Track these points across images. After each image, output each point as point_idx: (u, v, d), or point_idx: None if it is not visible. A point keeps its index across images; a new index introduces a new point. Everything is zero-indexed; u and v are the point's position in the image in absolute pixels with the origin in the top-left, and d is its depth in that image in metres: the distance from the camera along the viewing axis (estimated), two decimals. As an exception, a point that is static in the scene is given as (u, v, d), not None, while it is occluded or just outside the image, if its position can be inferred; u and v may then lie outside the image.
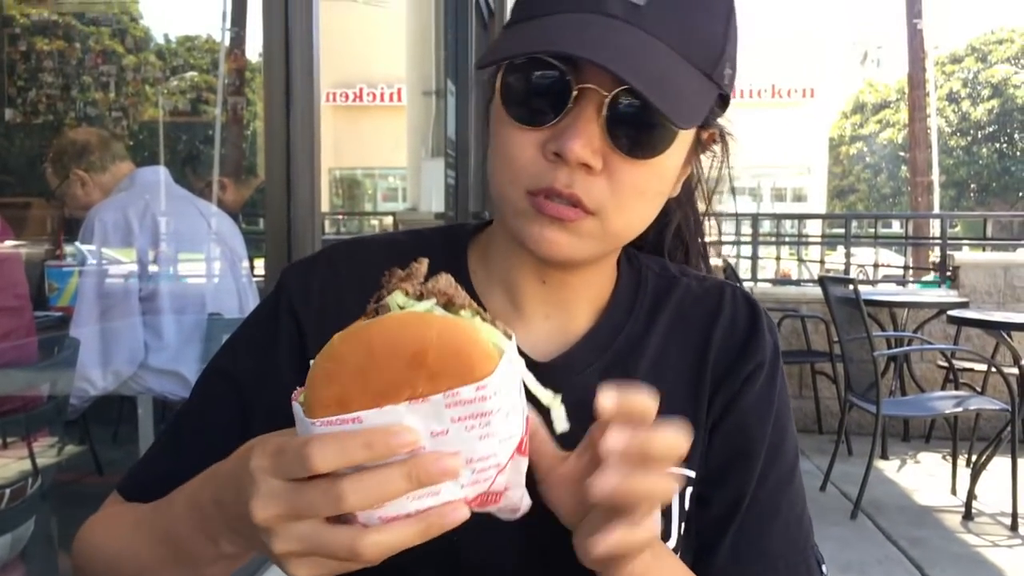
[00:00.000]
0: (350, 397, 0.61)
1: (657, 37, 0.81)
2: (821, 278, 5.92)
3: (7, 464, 3.05)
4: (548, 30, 0.81)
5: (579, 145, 0.80)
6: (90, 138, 3.28)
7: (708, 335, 0.97)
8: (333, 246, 1.02)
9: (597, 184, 0.83)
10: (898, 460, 6.06)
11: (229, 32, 11.19)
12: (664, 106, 0.78)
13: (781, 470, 0.97)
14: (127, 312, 2.97)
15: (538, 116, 0.83)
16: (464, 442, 0.62)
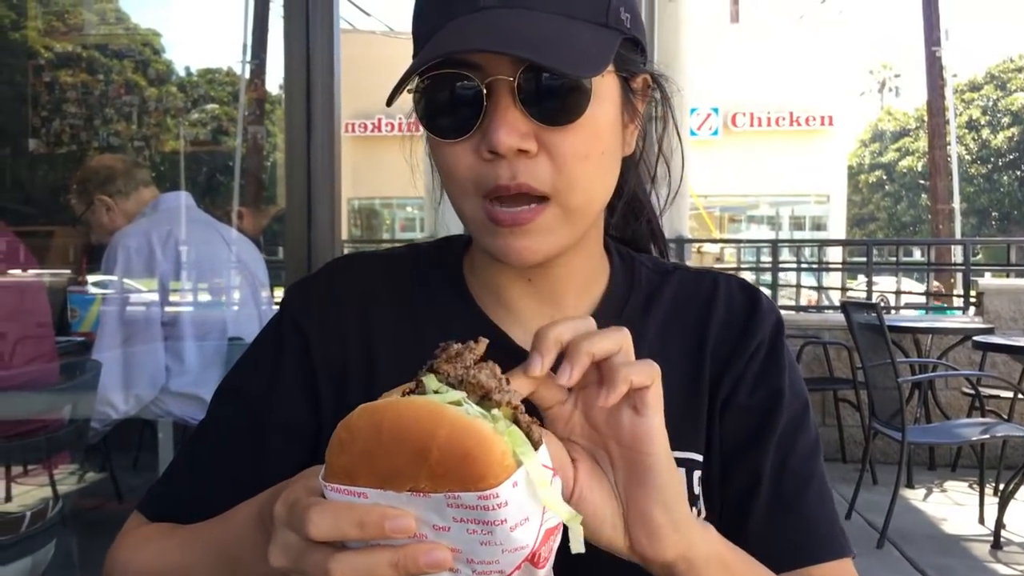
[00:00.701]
0: (357, 472, 0.62)
1: (534, 9, 0.83)
2: (844, 304, 5.87)
3: (29, 488, 3.05)
4: (435, 45, 0.83)
5: (504, 133, 0.82)
6: (115, 164, 3.32)
7: (705, 323, 0.99)
8: (332, 262, 1.06)
9: (540, 165, 0.84)
10: (924, 489, 5.97)
11: (249, 64, 11.34)
12: (558, 63, 0.79)
13: (807, 441, 0.97)
14: (149, 337, 2.98)
15: (461, 126, 0.85)
16: (465, 543, 0.61)
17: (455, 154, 0.86)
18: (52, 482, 3.03)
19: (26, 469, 3.19)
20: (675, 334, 0.99)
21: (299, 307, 0.99)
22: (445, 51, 0.81)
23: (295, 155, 2.49)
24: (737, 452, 0.95)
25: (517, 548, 0.61)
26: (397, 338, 0.96)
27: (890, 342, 4.89)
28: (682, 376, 0.97)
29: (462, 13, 0.84)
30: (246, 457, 0.94)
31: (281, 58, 2.55)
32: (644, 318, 0.99)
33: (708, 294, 1.01)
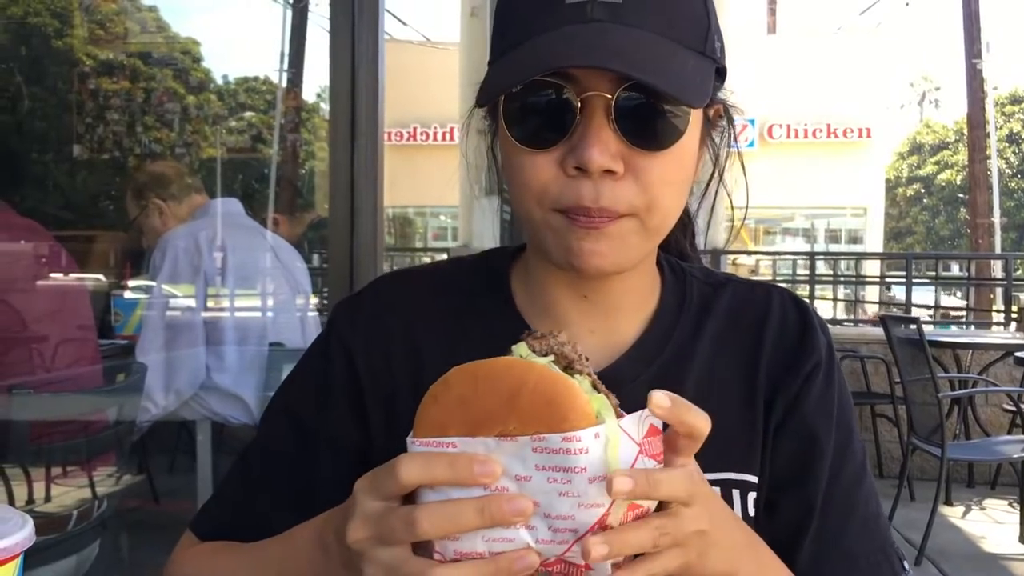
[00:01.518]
0: (448, 423, 0.65)
1: (643, 29, 0.81)
2: (883, 318, 5.80)
3: (70, 488, 3.09)
4: (536, 51, 0.81)
5: (597, 152, 0.80)
6: (169, 170, 3.41)
7: (759, 338, 0.97)
8: (378, 279, 1.06)
9: (624, 188, 0.83)
10: (963, 506, 5.88)
11: (286, 73, 11.46)
12: (671, 89, 0.79)
13: (853, 466, 0.96)
14: (191, 339, 3.03)
15: (549, 137, 0.83)
16: (545, 494, 0.62)
17: (535, 164, 0.84)
18: (92, 483, 3.07)
19: (65, 470, 3.23)
20: (728, 351, 0.97)
21: (347, 326, 0.99)
22: (554, 65, 0.79)
23: (339, 164, 2.52)
24: (787, 481, 0.94)
25: (593, 505, 0.62)
26: (445, 356, 0.93)
27: (930, 357, 4.82)
28: (737, 395, 0.95)
29: (571, 22, 0.82)
30: (298, 476, 0.95)
31: (317, 67, 2.60)
32: (696, 336, 0.97)
33: (762, 309, 0.99)
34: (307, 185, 10.36)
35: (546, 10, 0.83)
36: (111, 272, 4.35)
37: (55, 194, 7.60)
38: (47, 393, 2.75)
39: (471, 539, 0.63)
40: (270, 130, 11.84)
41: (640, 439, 0.65)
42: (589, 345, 0.93)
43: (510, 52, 0.85)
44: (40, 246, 2.95)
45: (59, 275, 3.29)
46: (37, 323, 2.88)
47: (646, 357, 0.95)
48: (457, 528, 0.62)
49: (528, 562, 0.63)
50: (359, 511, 0.67)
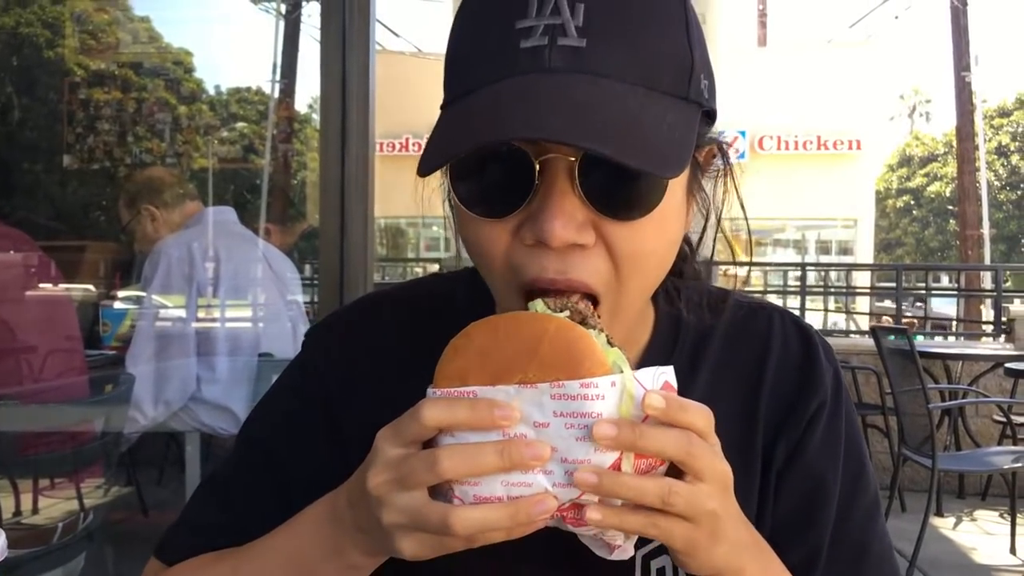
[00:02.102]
0: (469, 373, 0.67)
1: (612, 76, 0.70)
2: (873, 328, 5.82)
3: (57, 500, 3.07)
4: (483, 113, 0.70)
5: (560, 226, 0.70)
6: (164, 177, 3.39)
7: (760, 373, 0.90)
8: (356, 302, 1.00)
9: (595, 260, 0.73)
10: (954, 517, 5.88)
11: (278, 84, 11.46)
12: (643, 162, 0.68)
13: (865, 502, 0.91)
14: (182, 348, 3.01)
15: (503, 205, 0.73)
16: (562, 439, 0.64)
17: (490, 234, 0.75)
18: (79, 495, 3.04)
19: (53, 482, 3.21)
20: (726, 388, 0.90)
21: (319, 354, 0.95)
22: (507, 135, 0.68)
23: (329, 174, 2.51)
24: (793, 525, 0.88)
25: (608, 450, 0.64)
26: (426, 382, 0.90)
27: (921, 368, 4.83)
28: (735, 436, 0.87)
29: (525, 71, 0.71)
30: (269, 504, 0.90)
31: (310, 78, 2.59)
32: (692, 372, 0.90)
33: (762, 340, 0.92)
34: (298, 195, 10.34)
35: (500, 54, 0.72)
36: (100, 282, 4.33)
37: (45, 204, 7.57)
38: (34, 404, 2.73)
39: (490, 484, 0.64)
40: (262, 141, 11.83)
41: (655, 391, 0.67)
42: None
43: (458, 103, 0.75)
44: (26, 256, 2.93)
45: (45, 285, 3.27)
46: (23, 333, 2.87)
47: None
48: (477, 468, 0.63)
49: (546, 506, 0.63)
50: (380, 457, 0.67)
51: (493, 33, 0.73)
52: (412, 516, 0.65)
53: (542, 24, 0.71)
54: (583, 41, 0.70)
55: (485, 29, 0.75)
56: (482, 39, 0.75)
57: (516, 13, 0.72)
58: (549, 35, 0.71)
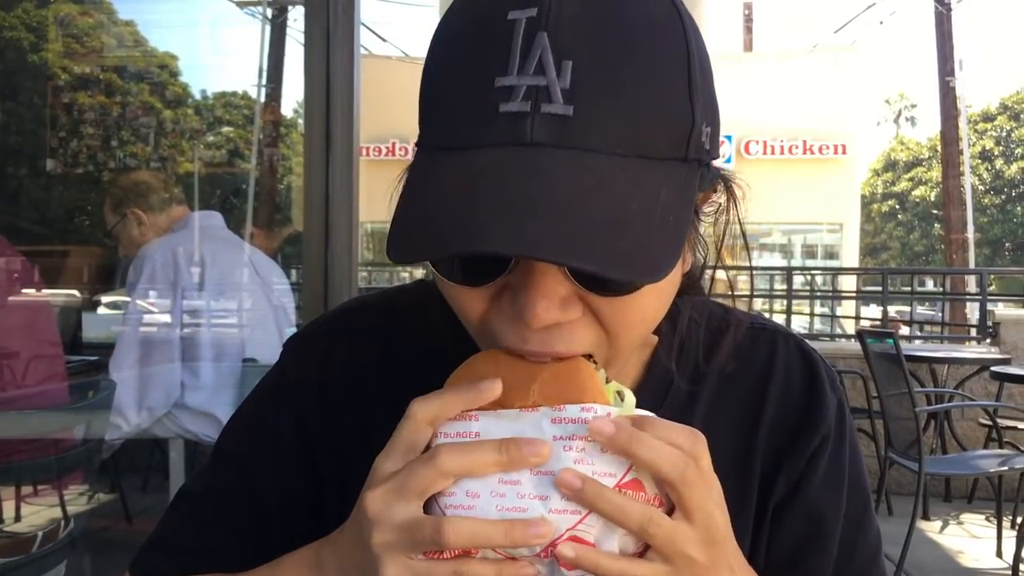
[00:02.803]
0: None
1: (601, 151, 0.62)
2: (859, 332, 5.83)
3: (39, 508, 3.04)
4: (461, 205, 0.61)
5: (543, 308, 0.64)
6: (151, 180, 3.35)
7: (760, 404, 0.86)
8: (334, 317, 0.95)
9: (581, 331, 0.68)
10: (940, 521, 5.89)
11: (265, 88, 11.44)
12: (631, 272, 0.61)
13: (868, 543, 0.88)
14: (167, 353, 2.98)
15: (480, 276, 0.67)
16: (559, 461, 0.63)
17: (468, 300, 0.70)
18: (62, 502, 3.01)
19: (36, 489, 3.18)
20: (725, 416, 0.86)
21: (296, 368, 0.91)
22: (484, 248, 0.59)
23: (313, 179, 2.49)
24: (791, 561, 0.85)
25: (605, 473, 0.63)
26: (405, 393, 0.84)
27: (907, 372, 4.84)
28: (731, 468, 0.83)
29: (503, 142, 0.62)
30: (245, 524, 0.88)
31: (296, 82, 2.58)
32: (692, 400, 0.86)
33: (765, 364, 0.88)
34: (284, 200, 10.32)
35: (477, 114, 0.64)
36: (85, 287, 4.30)
37: (29, 209, 7.52)
38: (12, 411, 2.70)
39: (485, 507, 0.62)
40: (248, 145, 11.81)
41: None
42: None
43: (430, 164, 0.67)
44: (5, 261, 2.90)
45: (27, 290, 3.24)
46: (4, 339, 2.84)
47: None
48: (476, 465, 0.62)
49: (540, 530, 0.61)
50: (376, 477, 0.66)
51: (471, 86, 0.64)
52: (405, 530, 0.62)
53: (524, 85, 0.62)
54: (570, 109, 0.62)
55: (463, 79, 0.66)
56: (459, 89, 0.66)
57: (497, 68, 0.63)
58: (532, 99, 0.62)
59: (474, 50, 0.65)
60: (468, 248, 0.60)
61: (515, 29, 0.63)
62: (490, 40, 0.64)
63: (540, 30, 0.62)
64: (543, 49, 0.62)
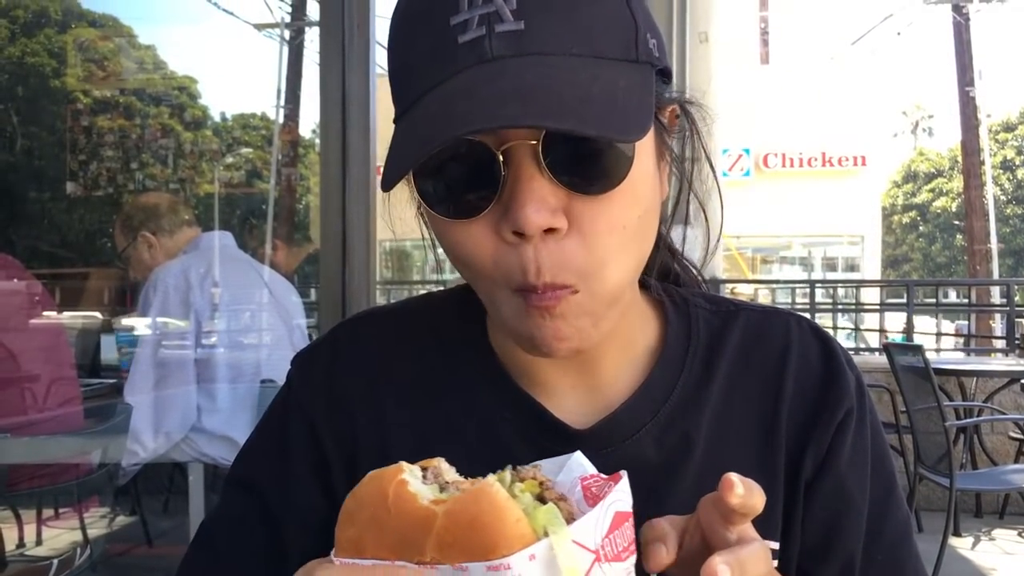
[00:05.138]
0: (365, 543, 0.58)
1: (557, 53, 0.69)
2: (886, 346, 5.75)
3: (60, 531, 3.02)
4: (439, 113, 0.68)
5: (533, 210, 0.68)
6: (160, 202, 3.35)
7: (779, 378, 0.85)
8: (339, 326, 0.95)
9: (568, 248, 0.70)
10: (972, 537, 5.78)
11: (283, 108, 11.51)
12: (603, 130, 0.66)
13: (897, 521, 0.86)
14: (182, 377, 2.97)
15: (476, 203, 0.71)
16: None
17: (470, 237, 0.72)
18: (83, 527, 3.00)
19: (57, 513, 3.17)
20: (743, 396, 0.85)
21: (303, 383, 0.90)
22: (459, 131, 0.65)
23: (330, 197, 2.49)
24: (821, 546, 0.84)
25: None
26: (414, 405, 0.86)
27: (936, 385, 4.76)
28: (754, 449, 0.84)
29: (466, 65, 0.68)
30: (263, 550, 0.86)
31: (314, 102, 2.57)
32: (706, 379, 0.85)
33: (780, 344, 0.87)
34: (303, 219, 10.36)
35: (439, 55, 0.70)
36: (105, 309, 4.30)
37: (51, 231, 7.57)
38: (26, 437, 2.68)
39: None
40: (266, 165, 11.88)
41: (599, 541, 0.56)
42: (573, 400, 0.85)
43: (408, 114, 0.72)
44: (24, 284, 2.90)
45: (48, 313, 3.24)
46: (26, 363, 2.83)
47: (649, 407, 0.84)
48: None
49: None
50: None
51: (429, 34, 0.71)
52: None
53: (476, 15, 0.68)
54: (521, 23, 0.68)
55: (421, 32, 0.72)
56: (419, 43, 0.72)
57: (448, 9, 0.69)
58: (486, 24, 0.68)
59: (428, 4, 0.71)
60: (449, 134, 0.65)
61: None
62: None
63: None
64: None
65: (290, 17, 12.39)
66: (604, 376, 0.85)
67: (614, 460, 0.81)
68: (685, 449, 0.83)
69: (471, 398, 0.85)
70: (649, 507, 0.81)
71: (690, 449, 0.83)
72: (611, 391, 0.85)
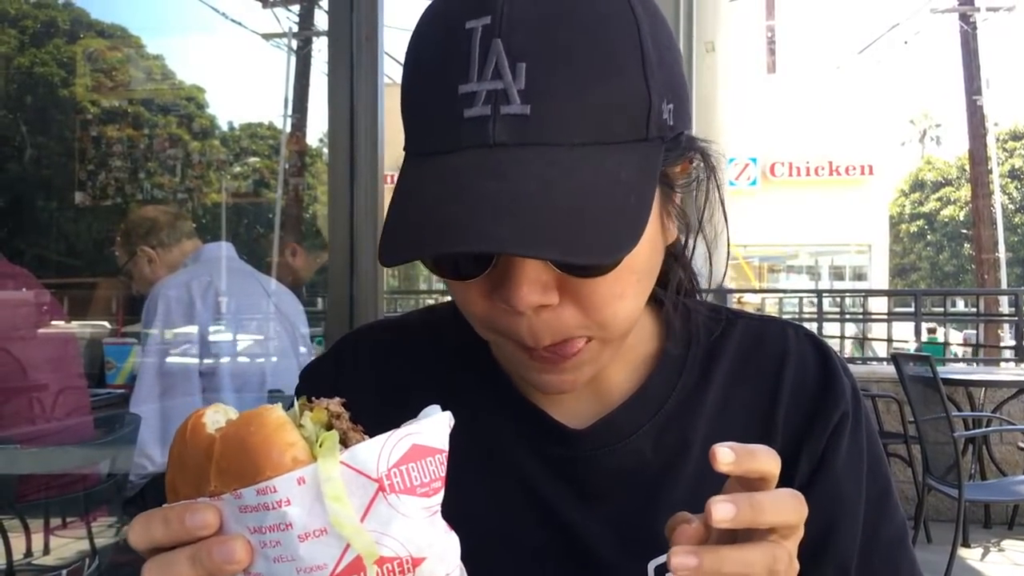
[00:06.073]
0: (177, 483, 0.57)
1: (559, 144, 0.67)
2: (894, 355, 5.73)
3: (66, 543, 3.02)
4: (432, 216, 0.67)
5: (525, 292, 0.69)
6: (158, 216, 3.33)
7: (776, 382, 0.87)
8: (344, 338, 0.98)
9: (565, 315, 0.71)
10: (981, 548, 5.75)
11: (290, 118, 11.53)
12: (592, 256, 0.65)
13: (893, 525, 0.87)
14: (187, 389, 2.96)
15: (469, 271, 0.72)
16: (265, 560, 0.53)
17: (467, 295, 0.74)
18: (90, 536, 2.99)
19: (65, 523, 3.16)
20: (740, 398, 0.87)
21: (310, 391, 0.91)
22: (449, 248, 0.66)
23: (338, 207, 2.49)
24: (816, 550, 0.83)
25: (312, 568, 0.51)
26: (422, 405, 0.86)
27: (944, 395, 4.74)
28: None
29: (469, 145, 0.67)
30: None
31: (321, 111, 2.57)
32: (704, 381, 0.87)
33: (778, 349, 0.89)
34: (309, 229, 10.38)
35: (445, 121, 0.69)
36: (114, 319, 4.31)
37: (59, 241, 7.59)
38: (35, 447, 2.69)
39: None
40: (274, 175, 11.90)
41: (384, 470, 0.52)
42: (574, 400, 0.86)
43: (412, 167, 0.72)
44: (32, 294, 2.90)
45: (56, 322, 3.24)
46: (34, 372, 2.84)
47: (648, 407, 0.85)
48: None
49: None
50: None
51: (439, 95, 0.70)
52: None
53: (484, 90, 0.67)
54: (527, 108, 0.66)
55: (432, 89, 0.71)
56: (429, 99, 0.71)
57: (459, 75, 0.68)
58: (492, 103, 0.67)
59: (439, 61, 0.70)
60: (445, 249, 0.66)
61: (472, 38, 0.68)
62: (453, 50, 0.69)
63: (495, 36, 0.67)
64: (498, 55, 0.67)
65: (297, 27, 12.43)
66: (605, 380, 0.86)
67: (612, 459, 0.84)
68: (682, 451, 0.85)
69: (472, 405, 0.86)
70: (646, 506, 0.83)
71: (687, 451, 0.85)
72: (611, 394, 0.87)
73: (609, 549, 0.82)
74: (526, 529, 0.84)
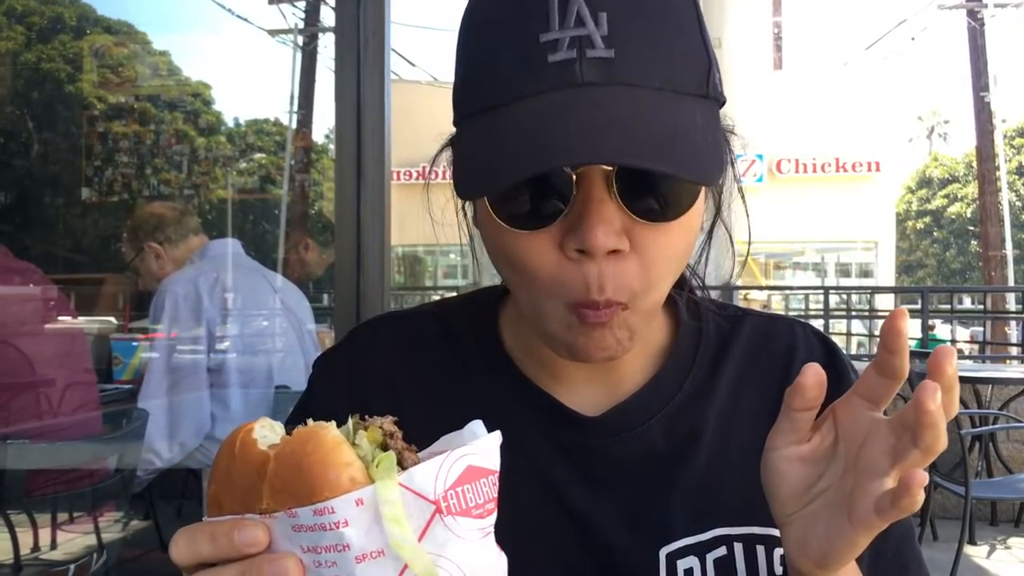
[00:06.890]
0: (222, 497, 0.57)
1: (643, 85, 0.70)
2: (899, 353, 5.71)
3: (73, 538, 3.03)
4: (533, 132, 0.69)
5: (602, 233, 0.70)
6: (165, 212, 3.33)
7: (784, 378, 0.88)
8: (358, 327, 0.99)
9: (627, 269, 0.73)
10: (987, 545, 5.74)
11: (296, 114, 11.55)
12: (691, 171, 0.69)
13: (902, 520, 0.87)
14: (195, 384, 2.97)
15: (544, 215, 0.72)
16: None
17: (533, 247, 0.74)
18: (98, 532, 3.00)
19: (72, 517, 3.18)
20: (750, 390, 0.89)
21: (324, 384, 0.94)
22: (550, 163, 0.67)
23: (345, 203, 2.49)
24: None
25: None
26: (429, 404, 0.88)
27: (950, 393, 4.72)
28: (761, 440, 0.84)
29: (558, 86, 0.69)
30: None
31: (327, 108, 2.58)
32: (715, 374, 0.89)
33: (786, 344, 0.91)
34: (315, 226, 10.39)
35: (528, 67, 0.71)
36: (120, 315, 4.32)
37: (66, 237, 7.62)
38: (42, 442, 2.70)
39: None
40: (280, 171, 11.91)
41: (441, 492, 0.52)
42: (588, 391, 0.88)
43: (486, 117, 0.73)
44: (40, 290, 2.91)
45: (63, 318, 3.25)
46: (41, 367, 2.85)
47: (659, 398, 0.87)
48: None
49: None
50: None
51: (516, 46, 0.72)
52: None
53: (567, 36, 0.70)
54: (611, 52, 0.70)
55: (505, 42, 0.73)
56: (503, 52, 0.73)
57: (538, 26, 0.70)
58: (577, 47, 0.69)
59: (514, 15, 0.72)
60: (556, 163, 0.68)
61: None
62: (529, 4, 0.71)
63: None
64: (579, 5, 0.70)
65: (304, 23, 12.44)
66: (619, 371, 0.88)
67: (624, 447, 0.85)
68: (692, 440, 0.86)
69: (485, 395, 0.88)
70: (657, 494, 0.84)
71: (697, 440, 0.86)
72: (625, 385, 0.88)
73: (619, 536, 0.83)
74: (537, 514, 0.84)
